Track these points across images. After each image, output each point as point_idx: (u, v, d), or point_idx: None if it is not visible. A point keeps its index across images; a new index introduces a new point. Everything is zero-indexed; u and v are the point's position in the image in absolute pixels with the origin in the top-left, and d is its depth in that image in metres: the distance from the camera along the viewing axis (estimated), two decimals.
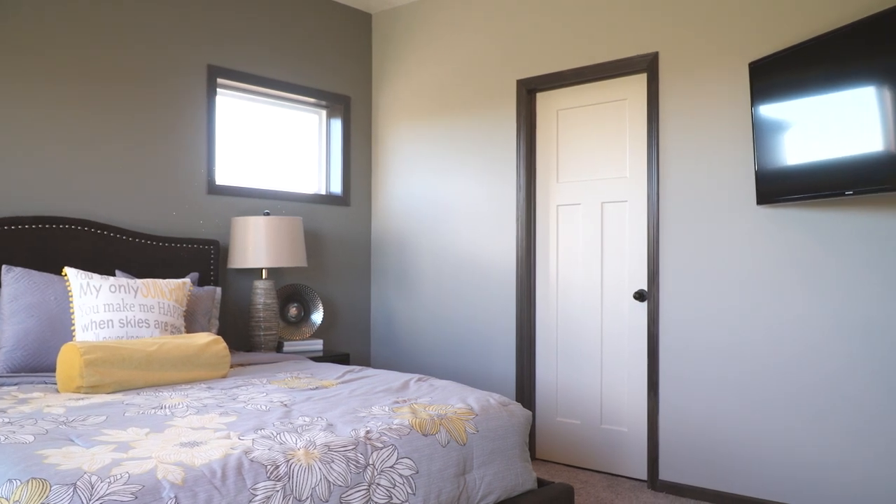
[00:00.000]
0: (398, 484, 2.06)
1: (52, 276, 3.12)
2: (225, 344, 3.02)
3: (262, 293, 3.93)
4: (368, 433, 2.10)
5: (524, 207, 4.10)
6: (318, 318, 4.34)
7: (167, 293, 3.23)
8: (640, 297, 3.69)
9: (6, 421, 2.12)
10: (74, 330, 3.00)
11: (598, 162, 3.89)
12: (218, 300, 3.67)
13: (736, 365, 3.33)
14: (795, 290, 3.17)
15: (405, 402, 2.51)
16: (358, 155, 4.83)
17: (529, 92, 4.12)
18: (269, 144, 4.49)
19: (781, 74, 3.01)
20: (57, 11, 3.42)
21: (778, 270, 3.22)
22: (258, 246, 3.81)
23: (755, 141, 3.14)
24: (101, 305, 3.02)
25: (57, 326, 3.01)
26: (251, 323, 3.93)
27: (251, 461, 1.81)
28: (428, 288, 4.57)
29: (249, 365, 3.40)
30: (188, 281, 3.40)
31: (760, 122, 3.11)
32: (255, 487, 1.75)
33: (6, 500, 1.55)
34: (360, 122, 4.85)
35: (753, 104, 3.14)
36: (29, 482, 1.57)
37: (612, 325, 3.83)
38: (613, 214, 3.83)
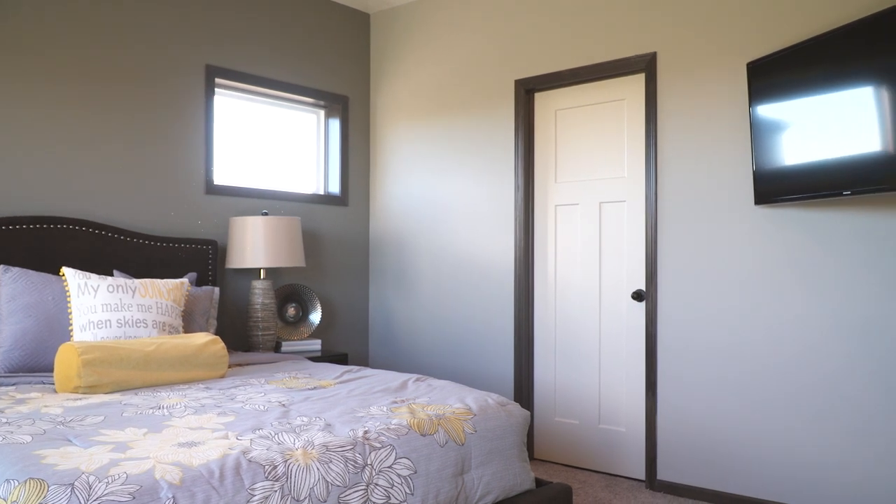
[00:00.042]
0: (396, 484, 2.06)
1: (49, 276, 3.12)
2: (223, 344, 3.02)
3: (260, 293, 3.92)
4: (366, 433, 2.10)
5: (522, 207, 4.10)
6: (316, 318, 4.33)
7: (165, 293, 3.22)
8: (638, 297, 3.69)
9: (4, 421, 2.11)
10: (72, 330, 2.99)
11: (596, 162, 3.89)
12: (216, 300, 3.67)
13: (734, 365, 3.33)
14: (794, 289, 3.17)
15: (403, 402, 2.51)
16: (356, 155, 4.83)
17: (528, 92, 4.12)
18: (267, 144, 4.49)
19: (780, 74, 3.01)
20: (54, 11, 3.42)
21: (776, 270, 3.22)
22: (256, 246, 3.81)
23: (753, 141, 3.14)
24: (98, 305, 3.02)
25: (55, 326, 3.00)
26: (249, 323, 3.93)
27: (249, 461, 1.80)
28: (426, 288, 4.57)
29: (247, 365, 3.39)
30: (186, 281, 3.39)
31: (758, 122, 3.12)
32: (253, 487, 1.75)
33: (4, 500, 1.55)
34: (358, 122, 4.84)
35: (751, 104, 3.14)
36: (27, 482, 1.57)
37: (610, 324, 3.83)
38: (612, 214, 3.83)
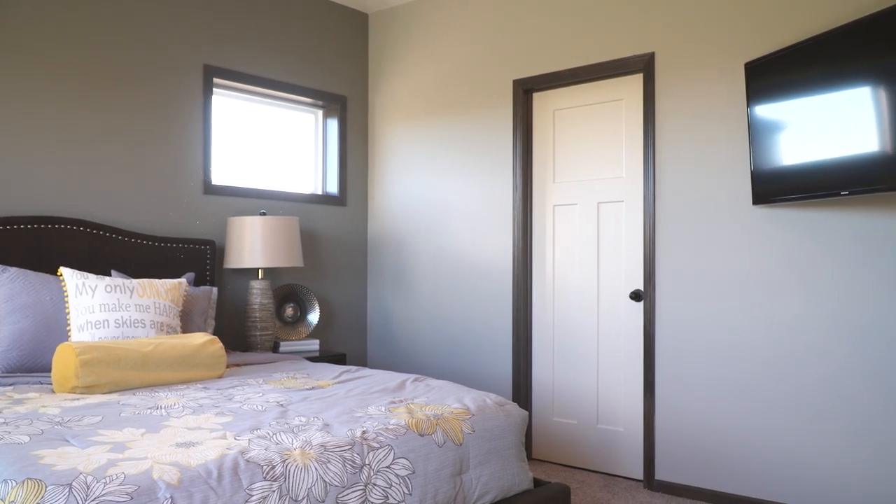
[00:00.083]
0: (394, 484, 2.06)
1: (47, 276, 3.11)
2: (221, 344, 3.02)
3: (258, 293, 3.92)
4: (365, 433, 2.10)
5: (521, 207, 4.10)
6: (314, 318, 4.33)
7: (163, 293, 3.22)
8: (636, 297, 3.69)
9: (1, 421, 2.11)
10: (70, 330, 2.99)
11: (594, 162, 3.89)
12: (214, 300, 3.66)
13: (732, 365, 3.33)
14: (792, 290, 3.18)
15: (402, 402, 2.51)
16: (354, 155, 4.83)
17: (526, 92, 4.12)
18: (265, 144, 4.48)
19: (777, 75, 3.02)
20: (52, 11, 3.41)
21: (774, 270, 3.23)
22: (254, 246, 3.81)
23: (751, 141, 3.14)
24: (96, 305, 3.01)
25: (52, 326, 3.00)
26: (247, 323, 3.93)
27: (247, 461, 1.80)
28: (424, 288, 4.57)
29: (245, 365, 3.39)
30: (184, 281, 3.39)
31: (756, 122, 3.12)
32: (251, 488, 1.75)
33: (2, 500, 1.55)
34: (356, 122, 4.84)
35: (749, 104, 3.15)
36: (24, 483, 1.57)
37: (608, 324, 3.83)
38: (610, 214, 3.83)
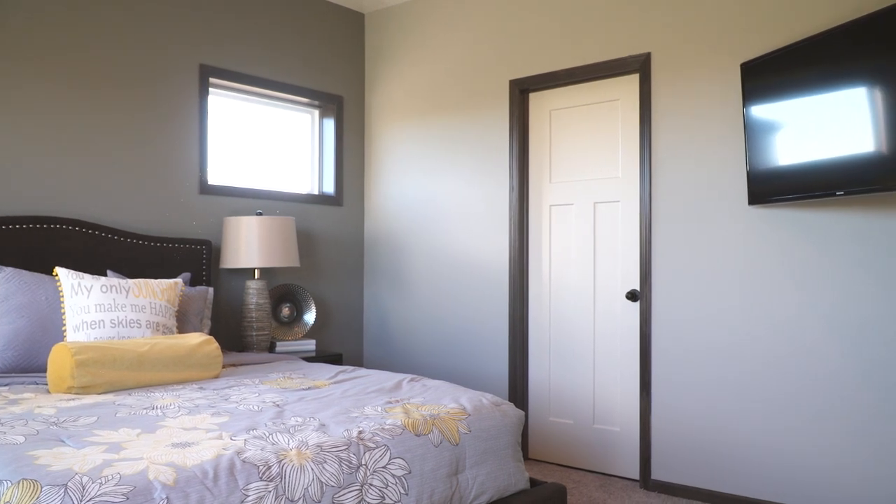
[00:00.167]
0: (391, 484, 2.06)
1: (42, 276, 3.11)
2: (217, 344, 3.02)
3: (254, 293, 3.92)
4: (361, 433, 2.10)
5: (517, 207, 4.11)
6: (310, 318, 4.33)
7: (159, 293, 3.22)
8: (632, 297, 3.70)
9: None
10: (65, 330, 2.98)
11: (590, 162, 3.90)
12: (210, 300, 3.66)
13: (729, 364, 3.34)
14: (788, 290, 3.18)
15: (398, 402, 2.51)
16: (350, 155, 4.83)
17: (522, 92, 4.13)
18: (261, 144, 4.48)
19: (773, 75, 3.02)
20: (48, 11, 3.40)
21: (770, 270, 3.23)
22: (250, 246, 3.80)
23: (747, 141, 3.15)
24: (92, 306, 3.01)
25: (48, 327, 2.99)
26: (243, 323, 3.92)
27: (243, 462, 1.80)
28: (421, 288, 4.57)
29: (241, 365, 3.39)
30: (180, 281, 3.39)
31: (752, 122, 3.13)
32: (247, 488, 1.75)
33: None
34: (352, 122, 4.84)
35: (745, 104, 3.15)
36: (20, 483, 1.56)
37: (604, 324, 3.84)
38: (606, 214, 3.83)
